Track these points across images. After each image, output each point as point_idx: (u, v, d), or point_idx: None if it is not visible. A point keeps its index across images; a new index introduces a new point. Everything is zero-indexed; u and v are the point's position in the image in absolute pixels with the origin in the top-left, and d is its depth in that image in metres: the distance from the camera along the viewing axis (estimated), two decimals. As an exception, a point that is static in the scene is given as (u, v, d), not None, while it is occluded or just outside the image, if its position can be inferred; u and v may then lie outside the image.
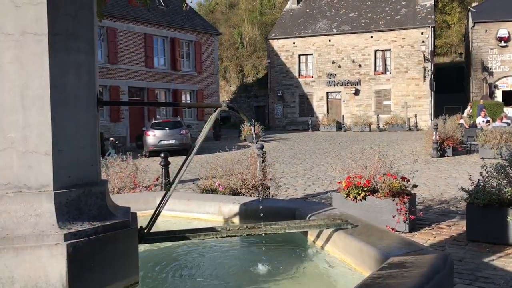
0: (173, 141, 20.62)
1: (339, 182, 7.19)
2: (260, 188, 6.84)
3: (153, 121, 22.27)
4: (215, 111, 3.21)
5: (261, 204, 4.22)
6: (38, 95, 2.63)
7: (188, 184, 10.94)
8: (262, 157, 7.51)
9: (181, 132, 21.11)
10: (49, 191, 2.63)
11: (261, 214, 4.03)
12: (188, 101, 32.01)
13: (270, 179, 7.55)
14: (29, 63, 2.61)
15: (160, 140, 20.53)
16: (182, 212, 4.66)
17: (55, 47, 2.66)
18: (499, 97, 34.94)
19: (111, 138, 18.56)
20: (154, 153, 19.65)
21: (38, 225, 2.54)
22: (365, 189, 6.77)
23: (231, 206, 4.47)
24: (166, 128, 20.99)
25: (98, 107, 2.98)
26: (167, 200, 3.18)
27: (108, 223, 2.74)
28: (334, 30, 36.75)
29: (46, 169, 2.64)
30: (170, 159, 8.58)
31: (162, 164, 8.22)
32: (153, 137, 20.68)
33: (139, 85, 28.32)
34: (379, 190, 6.74)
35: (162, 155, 8.26)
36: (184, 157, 3.27)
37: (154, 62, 29.26)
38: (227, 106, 3.15)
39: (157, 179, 8.71)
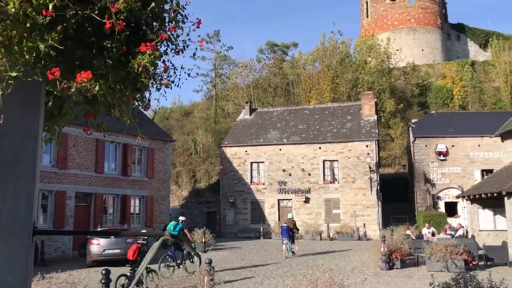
0: (119, 251, 19.62)
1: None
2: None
3: (99, 229, 21.43)
4: (157, 240, 3.14)
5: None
6: (-32, 227, 2.49)
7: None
8: (211, 276, 7.26)
9: (127, 241, 20.28)
10: (-33, 335, 2.39)
11: None
12: (137, 206, 31.26)
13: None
14: (-38, 194, 2.51)
15: (105, 249, 19.54)
16: None
17: (-7, 177, 2.58)
18: (442, 208, 36.35)
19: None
20: (97, 263, 18.60)
21: None
22: (315, 310, 6.60)
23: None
24: (111, 236, 20.16)
25: (33, 237, 2.84)
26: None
27: None
28: (285, 140, 38.13)
29: (-34, 310, 2.43)
30: (115, 269, 8.14)
31: (103, 281, 7.76)
32: (97, 245, 19.69)
33: (87, 190, 27.60)
34: (329, 311, 6.59)
35: (104, 272, 7.83)
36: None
37: (104, 167, 28.88)
38: (170, 235, 3.10)
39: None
